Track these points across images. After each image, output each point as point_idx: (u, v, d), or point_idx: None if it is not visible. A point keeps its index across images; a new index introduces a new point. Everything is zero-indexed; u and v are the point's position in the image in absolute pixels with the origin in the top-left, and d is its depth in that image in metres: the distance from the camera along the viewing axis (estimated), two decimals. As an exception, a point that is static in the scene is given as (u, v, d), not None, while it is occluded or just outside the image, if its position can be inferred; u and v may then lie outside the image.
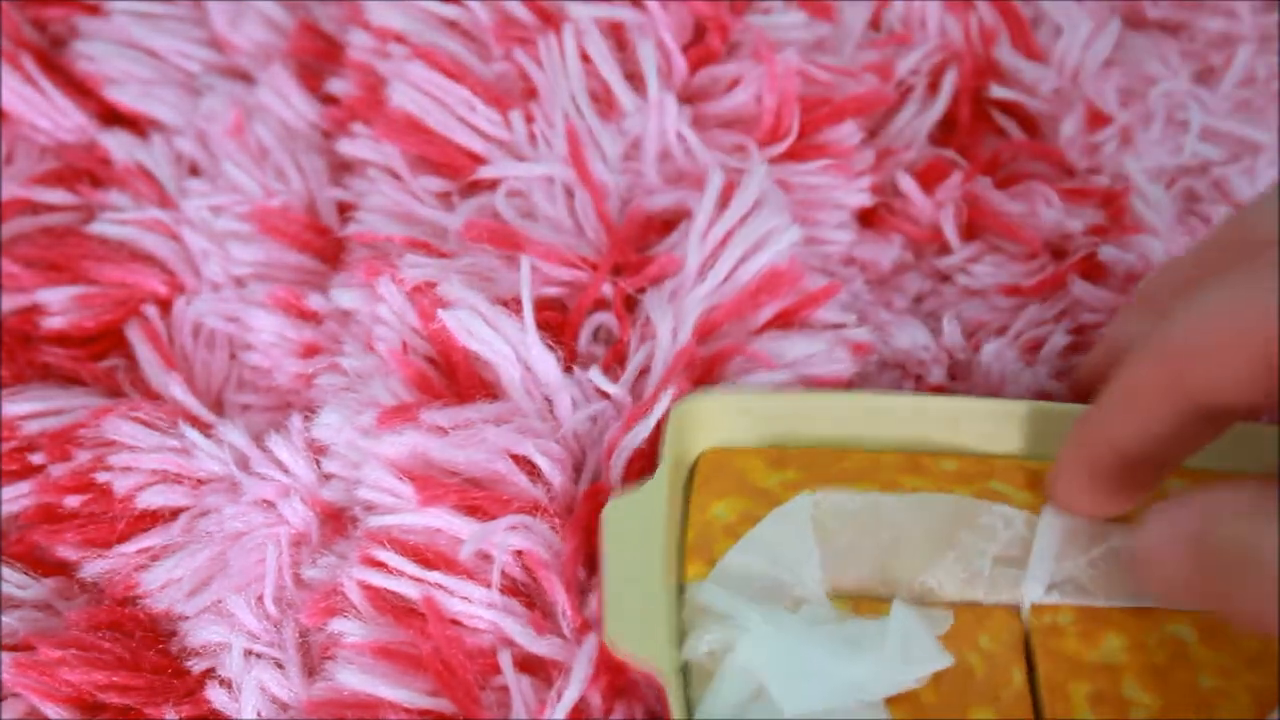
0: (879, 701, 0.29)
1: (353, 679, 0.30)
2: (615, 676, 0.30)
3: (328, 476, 0.35)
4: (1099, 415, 0.30)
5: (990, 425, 0.34)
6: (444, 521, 0.32)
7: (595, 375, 0.34)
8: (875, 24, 0.43)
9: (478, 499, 0.32)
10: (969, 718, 0.29)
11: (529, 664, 0.31)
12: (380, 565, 0.32)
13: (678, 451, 0.33)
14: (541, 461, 0.33)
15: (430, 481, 0.33)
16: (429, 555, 0.32)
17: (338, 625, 0.32)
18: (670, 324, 0.35)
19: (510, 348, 0.34)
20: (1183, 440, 0.29)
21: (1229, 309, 0.26)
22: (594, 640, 0.31)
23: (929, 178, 0.41)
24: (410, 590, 0.32)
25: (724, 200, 0.37)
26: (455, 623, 0.31)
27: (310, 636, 0.33)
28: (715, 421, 0.34)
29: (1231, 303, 0.26)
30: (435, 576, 0.31)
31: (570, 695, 0.30)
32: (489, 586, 0.31)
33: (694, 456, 0.34)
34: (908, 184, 0.41)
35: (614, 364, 0.36)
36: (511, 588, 0.32)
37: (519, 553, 0.32)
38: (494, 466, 0.33)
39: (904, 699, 0.29)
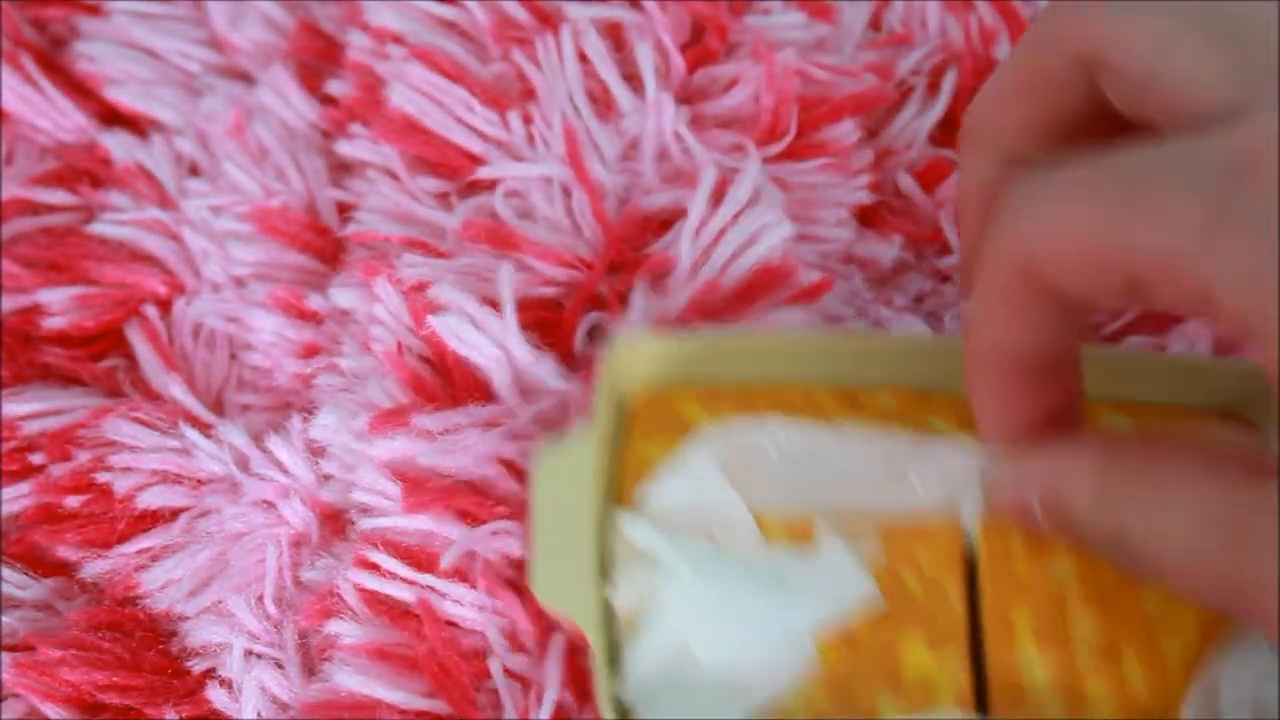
0: (807, 635, 0.28)
1: (349, 680, 0.31)
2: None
3: (326, 477, 0.35)
4: (978, 325, 0.28)
5: (928, 362, 0.33)
6: (435, 525, 0.32)
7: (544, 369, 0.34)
8: (875, 24, 0.43)
9: (467, 503, 0.32)
10: (900, 644, 0.28)
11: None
12: (374, 567, 0.32)
13: (614, 394, 0.32)
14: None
15: (418, 486, 0.33)
16: (422, 558, 0.32)
17: (334, 627, 0.32)
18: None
19: (499, 351, 0.34)
20: (1064, 333, 0.27)
21: (1068, 212, 0.25)
22: (559, 649, 0.30)
23: (929, 177, 0.41)
24: (404, 593, 0.32)
25: (717, 198, 0.37)
26: (451, 624, 0.31)
27: (310, 637, 0.33)
28: (651, 363, 0.33)
29: (1070, 206, 0.25)
30: (428, 579, 0.32)
31: (549, 696, 0.30)
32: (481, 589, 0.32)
33: (630, 399, 0.33)
34: (908, 183, 0.41)
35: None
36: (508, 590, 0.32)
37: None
38: (483, 471, 0.33)
39: (834, 626, 0.28)
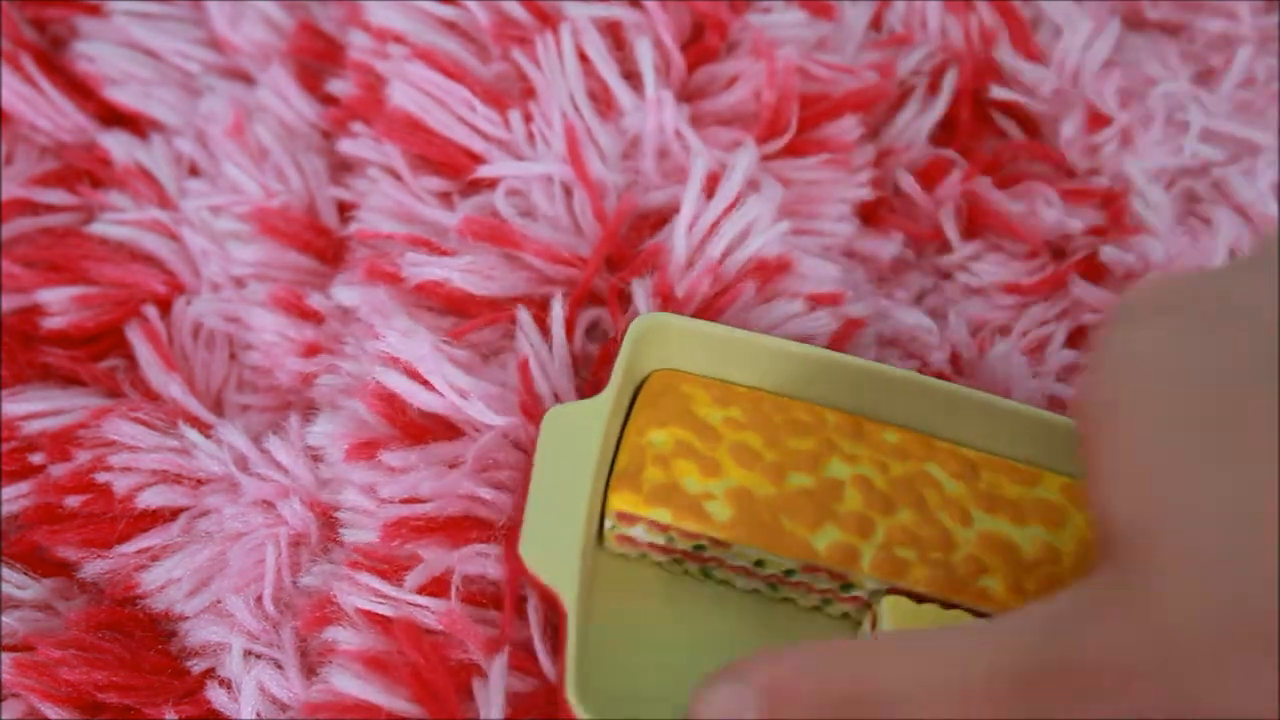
0: None
1: (348, 684, 0.31)
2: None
3: (325, 480, 0.35)
4: None
5: (935, 406, 0.34)
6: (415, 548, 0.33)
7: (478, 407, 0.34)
8: (876, 24, 0.43)
9: (438, 527, 0.33)
10: None
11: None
12: (359, 585, 0.32)
13: (631, 368, 0.33)
14: (486, 493, 0.33)
15: (396, 525, 0.33)
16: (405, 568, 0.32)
17: (332, 634, 0.32)
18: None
19: (454, 395, 0.34)
20: None
21: None
22: (502, 662, 0.31)
23: (929, 176, 0.41)
24: (387, 610, 0.32)
25: (710, 191, 0.37)
26: (437, 633, 0.32)
27: (309, 640, 0.33)
28: (672, 344, 0.34)
29: None
30: (407, 595, 0.32)
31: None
32: (465, 602, 0.32)
33: (645, 374, 0.34)
34: (908, 182, 0.41)
35: (608, 362, 0.36)
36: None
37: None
38: (453, 503, 0.33)
39: None
